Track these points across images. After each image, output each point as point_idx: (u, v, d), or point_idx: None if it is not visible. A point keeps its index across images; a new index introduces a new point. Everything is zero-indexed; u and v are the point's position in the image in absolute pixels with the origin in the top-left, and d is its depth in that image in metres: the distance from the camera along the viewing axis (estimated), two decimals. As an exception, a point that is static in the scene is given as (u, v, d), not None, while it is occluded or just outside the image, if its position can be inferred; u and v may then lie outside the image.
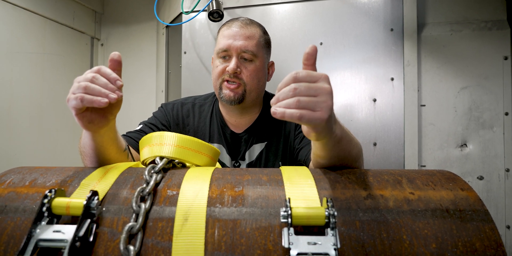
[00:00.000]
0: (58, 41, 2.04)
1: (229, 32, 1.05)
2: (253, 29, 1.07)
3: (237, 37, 1.03)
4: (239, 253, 0.48)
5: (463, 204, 0.55)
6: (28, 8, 1.83)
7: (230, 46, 1.03)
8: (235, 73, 1.02)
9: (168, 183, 0.58)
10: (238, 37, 1.03)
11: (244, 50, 1.03)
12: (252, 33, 1.05)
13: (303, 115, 0.52)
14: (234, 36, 1.03)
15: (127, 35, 2.33)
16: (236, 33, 1.04)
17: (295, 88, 0.53)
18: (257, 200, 0.54)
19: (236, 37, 1.03)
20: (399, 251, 0.49)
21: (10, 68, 1.74)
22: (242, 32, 1.04)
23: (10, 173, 0.63)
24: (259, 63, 1.06)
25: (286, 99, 0.54)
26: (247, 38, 1.04)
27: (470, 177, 1.44)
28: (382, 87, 1.51)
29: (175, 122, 1.12)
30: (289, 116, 0.53)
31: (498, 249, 0.50)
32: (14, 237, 0.50)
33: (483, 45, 1.46)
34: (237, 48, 1.02)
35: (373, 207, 0.54)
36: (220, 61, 1.06)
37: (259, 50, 1.06)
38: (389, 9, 1.51)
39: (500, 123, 1.43)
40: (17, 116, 1.77)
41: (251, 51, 1.03)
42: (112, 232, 0.50)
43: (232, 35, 1.04)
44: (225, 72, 1.03)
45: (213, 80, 1.09)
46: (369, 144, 1.48)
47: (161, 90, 2.07)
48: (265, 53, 1.09)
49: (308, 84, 0.54)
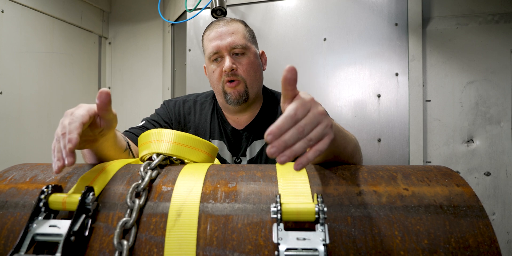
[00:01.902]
0: (66, 40, 2.08)
1: (214, 34, 1.06)
2: (235, 24, 1.08)
3: (223, 36, 1.05)
4: (230, 248, 0.49)
5: (457, 200, 0.55)
6: (37, 8, 1.86)
7: (219, 47, 1.04)
8: (232, 71, 1.03)
9: (164, 179, 0.59)
10: (224, 35, 1.05)
11: (233, 46, 1.04)
12: (235, 28, 1.07)
13: (319, 148, 0.51)
14: (220, 36, 1.05)
15: (134, 34, 2.35)
16: (220, 33, 1.05)
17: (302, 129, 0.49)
18: (249, 196, 0.55)
19: (221, 36, 1.05)
20: (390, 247, 0.49)
21: (20, 67, 1.78)
22: (225, 30, 1.05)
23: (12, 169, 0.65)
24: (251, 54, 1.07)
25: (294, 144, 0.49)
26: (232, 34, 1.05)
27: (477, 173, 1.42)
28: (387, 82, 1.49)
29: (176, 119, 1.13)
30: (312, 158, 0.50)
31: (492, 245, 0.49)
32: (13, 232, 0.52)
33: (490, 39, 1.43)
34: (226, 46, 1.04)
35: (366, 203, 0.54)
36: (214, 64, 1.07)
37: (247, 42, 1.07)
38: (393, 4, 1.49)
39: (507, 118, 1.40)
40: (27, 114, 1.81)
41: (241, 45, 1.04)
42: (107, 227, 0.51)
43: (218, 36, 1.05)
44: (223, 73, 1.05)
45: (214, 86, 1.10)
46: (374, 140, 1.47)
47: (167, 88, 2.09)
48: (253, 43, 1.11)
49: (309, 118, 0.50)
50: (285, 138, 0.48)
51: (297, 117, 0.50)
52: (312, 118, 0.51)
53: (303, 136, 0.49)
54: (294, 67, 0.51)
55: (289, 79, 0.51)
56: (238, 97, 1.04)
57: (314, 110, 0.52)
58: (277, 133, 0.48)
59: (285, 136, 0.48)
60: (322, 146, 0.51)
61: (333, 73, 1.55)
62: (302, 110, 0.50)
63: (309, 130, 0.50)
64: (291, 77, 0.51)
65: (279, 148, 0.48)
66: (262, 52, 1.17)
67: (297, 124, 0.50)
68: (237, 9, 1.66)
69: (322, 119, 0.52)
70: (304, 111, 0.51)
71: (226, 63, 1.03)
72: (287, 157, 0.48)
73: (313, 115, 0.51)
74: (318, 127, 0.51)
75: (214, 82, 1.08)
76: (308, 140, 0.50)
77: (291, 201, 0.51)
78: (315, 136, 0.50)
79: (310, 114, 0.51)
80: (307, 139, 0.50)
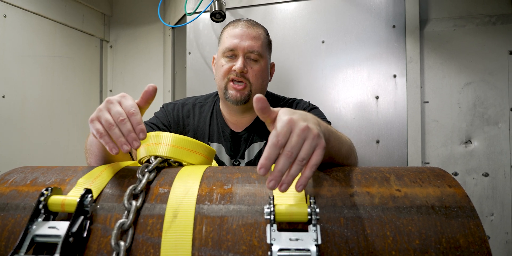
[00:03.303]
0: (68, 44, 2.10)
1: (236, 31, 1.06)
2: (259, 30, 1.09)
3: (244, 37, 1.05)
4: (225, 248, 0.50)
5: (449, 201, 0.56)
6: (39, 13, 1.88)
7: (237, 46, 1.04)
8: (242, 73, 1.04)
9: (161, 181, 0.61)
10: (245, 37, 1.05)
11: (250, 50, 1.04)
12: (258, 33, 1.07)
13: (314, 163, 0.51)
14: (241, 36, 1.05)
15: (135, 37, 2.37)
16: (243, 33, 1.05)
17: (291, 153, 0.50)
18: (244, 198, 0.56)
19: (243, 37, 1.05)
20: (382, 247, 0.50)
21: (22, 71, 1.80)
22: (248, 32, 1.06)
23: (13, 172, 0.66)
24: (264, 63, 1.08)
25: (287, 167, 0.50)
26: (253, 39, 1.05)
27: (475, 174, 1.42)
28: (385, 84, 1.50)
29: (175, 122, 1.14)
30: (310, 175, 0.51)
31: (482, 245, 0.50)
32: (14, 233, 0.53)
33: (487, 40, 1.43)
34: (244, 48, 1.04)
35: (359, 204, 0.55)
36: (226, 60, 1.07)
37: (264, 51, 1.08)
38: (391, 6, 1.50)
39: (505, 119, 1.40)
40: (29, 117, 1.83)
41: (258, 52, 1.05)
42: (105, 228, 0.53)
43: (239, 35, 1.05)
44: (232, 71, 1.05)
45: (218, 80, 1.10)
46: (372, 141, 1.48)
47: (167, 90, 2.10)
48: (268, 54, 1.12)
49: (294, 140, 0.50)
50: (278, 168, 0.49)
51: (281, 143, 0.50)
52: (296, 139, 0.50)
53: (293, 159, 0.50)
54: (261, 96, 0.53)
55: (259, 108, 0.53)
56: (239, 98, 1.06)
57: (296, 129, 0.51)
58: (268, 165, 0.49)
59: (277, 167, 0.50)
60: (315, 159, 0.51)
61: (332, 75, 1.56)
62: (283, 135, 0.50)
63: (297, 151, 0.50)
64: (261, 106, 0.53)
65: (277, 180, 0.49)
66: (273, 64, 1.18)
67: (284, 149, 0.50)
68: (236, 12, 1.68)
69: (307, 134, 0.51)
70: (286, 134, 0.51)
71: (238, 64, 1.03)
72: (287, 185, 0.50)
73: (297, 135, 0.51)
74: (305, 145, 0.51)
75: (220, 76, 1.09)
76: (300, 161, 0.50)
77: (284, 203, 0.52)
78: (306, 154, 0.51)
79: (293, 135, 0.51)
80: (299, 160, 0.50)
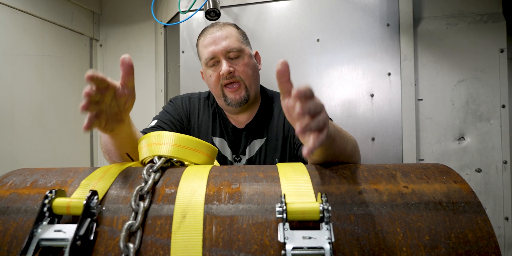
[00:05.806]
0: (57, 42, 2.05)
1: (207, 40, 1.08)
2: (227, 28, 1.10)
3: (216, 41, 1.06)
4: (236, 248, 0.49)
5: (456, 196, 0.56)
6: (26, 11, 1.84)
7: (215, 51, 1.06)
8: (230, 74, 1.04)
9: (167, 181, 0.60)
10: (218, 40, 1.06)
11: (228, 50, 1.06)
12: (228, 32, 1.09)
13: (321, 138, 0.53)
14: (214, 41, 1.07)
15: (126, 36, 2.33)
16: (214, 38, 1.07)
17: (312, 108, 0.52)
18: (253, 197, 0.55)
19: (216, 41, 1.06)
20: (393, 243, 0.50)
21: (10, 71, 1.75)
22: (218, 35, 1.07)
23: (12, 174, 0.64)
24: (247, 56, 1.09)
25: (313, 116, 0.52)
26: (225, 38, 1.07)
27: (468, 170, 1.45)
28: (380, 82, 1.52)
29: (186, 115, 1.16)
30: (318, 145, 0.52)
31: (490, 239, 0.51)
32: (16, 237, 0.52)
33: (479, 38, 1.46)
34: (221, 51, 1.05)
35: (368, 201, 0.55)
36: (212, 69, 1.09)
37: (241, 45, 1.09)
38: (385, 4, 1.51)
39: (497, 115, 1.43)
40: (19, 117, 1.78)
41: (235, 48, 1.06)
42: (112, 231, 0.51)
43: (212, 41, 1.07)
44: (221, 77, 1.06)
45: (213, 90, 1.12)
46: (367, 139, 1.49)
47: (160, 90, 2.08)
48: (247, 45, 1.13)
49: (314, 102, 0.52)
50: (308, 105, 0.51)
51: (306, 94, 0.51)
52: (316, 103, 0.52)
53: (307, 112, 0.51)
54: (285, 61, 0.55)
55: (281, 71, 0.55)
56: (240, 100, 1.07)
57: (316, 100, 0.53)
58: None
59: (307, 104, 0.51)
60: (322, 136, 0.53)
61: (327, 73, 1.57)
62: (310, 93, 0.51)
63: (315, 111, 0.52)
64: (282, 68, 0.55)
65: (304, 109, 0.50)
66: (256, 52, 1.19)
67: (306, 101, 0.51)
68: (230, 11, 1.67)
69: (322, 108, 0.54)
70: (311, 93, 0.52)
71: (223, 67, 1.04)
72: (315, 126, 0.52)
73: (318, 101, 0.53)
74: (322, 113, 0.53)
75: (212, 86, 1.10)
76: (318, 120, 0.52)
77: (295, 201, 0.52)
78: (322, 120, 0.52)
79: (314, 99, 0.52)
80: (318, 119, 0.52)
